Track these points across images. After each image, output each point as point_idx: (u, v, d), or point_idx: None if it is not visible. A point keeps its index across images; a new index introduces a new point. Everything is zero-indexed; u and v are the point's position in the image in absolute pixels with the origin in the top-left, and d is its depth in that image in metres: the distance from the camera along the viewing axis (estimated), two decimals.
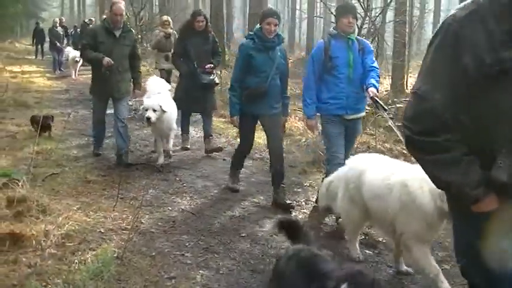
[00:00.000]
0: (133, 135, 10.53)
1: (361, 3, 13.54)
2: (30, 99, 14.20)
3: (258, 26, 7.00)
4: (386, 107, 6.49)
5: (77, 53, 20.50)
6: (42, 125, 8.91)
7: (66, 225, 5.41)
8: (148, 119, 8.25)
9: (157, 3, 42.14)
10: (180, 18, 18.04)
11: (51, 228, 5.22)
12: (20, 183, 6.09)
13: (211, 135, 9.74)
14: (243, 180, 7.98)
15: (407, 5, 21.67)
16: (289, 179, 8.00)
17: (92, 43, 8.53)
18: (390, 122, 6.46)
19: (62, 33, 24.70)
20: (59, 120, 11.39)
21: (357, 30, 13.65)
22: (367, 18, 13.44)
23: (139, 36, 23.00)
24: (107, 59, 8.22)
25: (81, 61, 20.37)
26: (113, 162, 8.57)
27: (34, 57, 30.48)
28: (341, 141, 6.26)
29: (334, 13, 7.54)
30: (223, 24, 25.99)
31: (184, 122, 9.99)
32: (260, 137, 10.54)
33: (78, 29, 28.26)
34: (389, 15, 21.57)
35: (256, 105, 6.86)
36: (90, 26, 21.51)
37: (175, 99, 9.39)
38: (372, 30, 13.80)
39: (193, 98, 9.29)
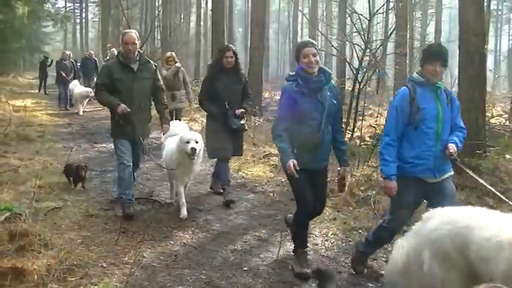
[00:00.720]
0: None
1: (362, 35, 13.64)
2: (33, 133, 14.25)
3: (298, 66, 5.93)
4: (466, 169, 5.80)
5: (83, 89, 20.97)
6: (75, 176, 8.98)
7: (68, 260, 5.41)
8: (194, 150, 7.41)
9: (159, 38, 42.46)
10: (182, 52, 18.09)
11: (53, 263, 5.22)
12: (22, 218, 6.11)
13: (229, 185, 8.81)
14: (245, 213, 7.98)
15: (408, 37, 21.85)
16: (291, 212, 7.96)
17: (107, 82, 7.57)
18: (482, 182, 5.78)
19: (70, 66, 23.25)
20: (62, 154, 11.46)
21: (357, 62, 13.83)
22: (368, 50, 13.53)
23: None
24: (121, 107, 7.34)
25: (87, 98, 20.62)
26: (115, 196, 8.56)
27: (37, 91, 30.06)
28: (410, 213, 5.53)
29: (334, 46, 7.39)
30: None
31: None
32: (261, 170, 10.59)
33: (78, 63, 27.32)
34: (390, 47, 21.72)
35: (308, 159, 5.68)
36: (104, 62, 21.02)
37: (207, 146, 8.49)
38: (372, 62, 13.87)
39: (225, 144, 8.40)
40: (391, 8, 21.57)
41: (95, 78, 25.29)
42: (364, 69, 13.85)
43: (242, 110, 8.51)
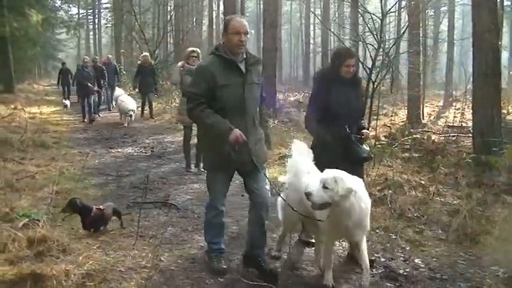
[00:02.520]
0: (152, 174, 10.58)
1: (374, 35, 13.61)
2: (49, 139, 14.32)
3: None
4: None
5: (130, 103, 19.27)
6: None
7: (87, 265, 5.42)
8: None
9: (171, 42, 42.55)
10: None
11: (72, 268, 5.24)
12: (40, 224, 6.14)
13: None
14: None
15: (421, 35, 21.75)
16: None
17: (206, 93, 5.38)
18: None
19: (92, 74, 20.02)
20: (78, 160, 11.53)
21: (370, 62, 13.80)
22: (381, 49, 13.50)
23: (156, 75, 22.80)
24: (236, 135, 5.23)
25: (134, 113, 19.51)
26: (131, 200, 8.58)
27: (63, 100, 26.83)
28: None
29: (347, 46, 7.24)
30: None
31: None
32: (276, 172, 10.58)
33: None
34: (403, 45, 21.65)
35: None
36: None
37: None
38: (386, 61, 13.84)
39: None
40: (404, 6, 21.51)
41: (116, 86, 24.61)
42: (378, 69, 13.82)
43: (366, 130, 6.77)
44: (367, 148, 6.67)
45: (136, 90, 21.79)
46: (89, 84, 19.33)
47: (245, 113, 5.52)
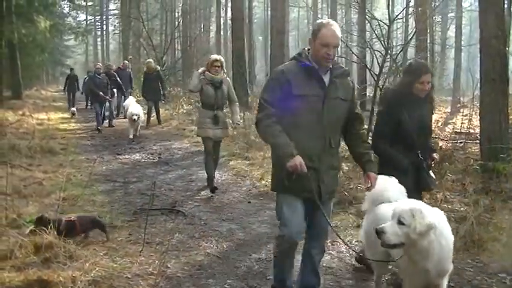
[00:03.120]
0: (159, 180, 10.59)
1: (382, 41, 13.59)
2: (56, 145, 14.34)
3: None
4: None
5: (134, 107, 17.55)
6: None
7: (93, 271, 5.43)
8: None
9: (179, 48, 42.64)
10: (202, 63, 18.05)
11: (78, 275, 5.25)
12: (47, 230, 6.14)
13: None
14: (268, 222, 7.94)
15: (428, 41, 21.74)
16: None
17: (279, 103, 4.70)
18: None
19: (106, 80, 19.29)
20: (85, 166, 11.56)
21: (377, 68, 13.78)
22: (388, 55, 13.48)
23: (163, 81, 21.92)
24: (295, 161, 4.51)
25: (140, 121, 17.57)
26: (138, 206, 8.59)
27: (68, 108, 27.29)
28: None
29: (354, 53, 7.05)
30: (245, 67, 26.22)
31: None
32: None
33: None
34: (411, 52, 21.62)
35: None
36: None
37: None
38: (393, 68, 13.81)
39: None
40: (411, 12, 21.49)
41: (128, 98, 22.51)
42: (385, 75, 13.80)
43: (436, 155, 6.22)
44: (433, 176, 5.98)
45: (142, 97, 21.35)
46: (101, 93, 18.62)
47: (321, 133, 4.69)
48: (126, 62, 25.35)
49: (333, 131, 4.78)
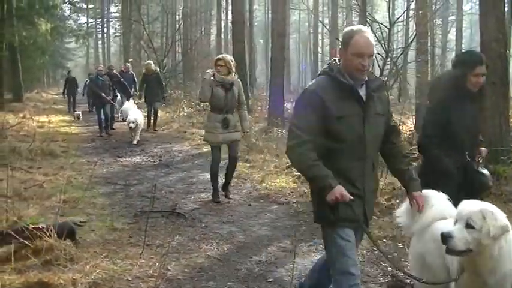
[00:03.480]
0: (159, 183, 10.57)
1: (382, 44, 13.61)
2: (57, 148, 14.35)
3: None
4: None
5: (132, 114, 17.02)
6: None
7: (94, 274, 5.44)
8: None
9: (180, 51, 42.68)
10: (203, 65, 17.98)
11: (79, 277, 5.25)
12: (47, 232, 6.14)
13: None
14: (269, 225, 7.96)
15: (429, 44, 21.74)
16: (314, 222, 8.00)
17: (314, 128, 4.03)
18: None
19: (108, 82, 18.70)
20: (86, 169, 11.57)
21: (378, 71, 13.79)
22: (389, 58, 13.50)
23: (164, 83, 21.52)
24: (335, 193, 3.93)
25: (140, 126, 16.80)
26: (139, 209, 8.59)
27: (67, 111, 27.99)
28: None
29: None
30: (246, 69, 26.21)
31: None
32: (284, 181, 10.58)
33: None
34: (411, 54, 21.64)
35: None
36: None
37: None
38: (393, 70, 13.83)
39: None
40: (411, 16, 21.50)
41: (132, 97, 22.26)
42: (386, 78, 13.82)
43: (485, 149, 5.69)
44: (487, 172, 5.39)
45: (143, 100, 20.31)
46: (103, 94, 17.98)
47: (363, 155, 4.13)
48: (128, 64, 24.71)
49: (373, 150, 4.26)
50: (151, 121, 20.08)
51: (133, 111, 17.11)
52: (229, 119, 9.13)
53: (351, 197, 3.96)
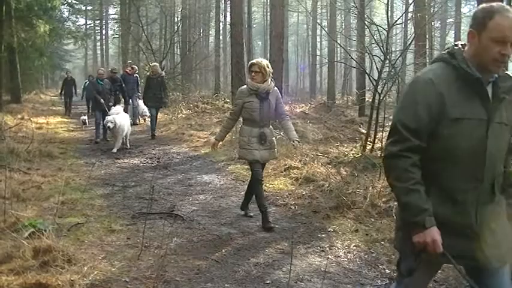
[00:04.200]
0: (157, 184, 10.58)
1: (380, 47, 13.62)
2: (55, 149, 14.36)
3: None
4: None
5: (115, 117, 15.91)
6: None
7: (92, 275, 5.44)
8: None
9: (178, 53, 42.71)
10: (201, 67, 17.79)
11: (77, 278, 5.25)
12: (45, 234, 6.15)
13: None
14: None
15: (427, 47, 21.76)
16: (312, 224, 8.02)
17: (425, 129, 3.12)
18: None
19: (109, 86, 17.66)
20: (84, 170, 11.57)
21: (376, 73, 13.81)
22: (387, 61, 13.50)
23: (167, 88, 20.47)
24: (427, 238, 3.06)
25: (120, 132, 15.34)
26: (137, 210, 8.59)
27: (64, 112, 27.89)
28: None
29: (353, 58, 6.71)
30: (244, 71, 26.23)
31: None
32: (282, 183, 10.59)
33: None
34: (409, 57, 21.65)
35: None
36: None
37: None
38: (392, 73, 13.84)
39: None
40: (410, 18, 21.53)
41: (139, 100, 22.21)
42: (384, 80, 13.83)
43: None
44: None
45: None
46: (102, 100, 16.97)
47: (480, 172, 3.12)
48: (135, 66, 24.13)
49: (497, 168, 3.21)
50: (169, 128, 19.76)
51: (118, 115, 15.78)
52: (266, 134, 7.90)
53: (443, 251, 3.06)
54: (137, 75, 23.55)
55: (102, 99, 17.17)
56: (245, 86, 7.94)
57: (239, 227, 7.94)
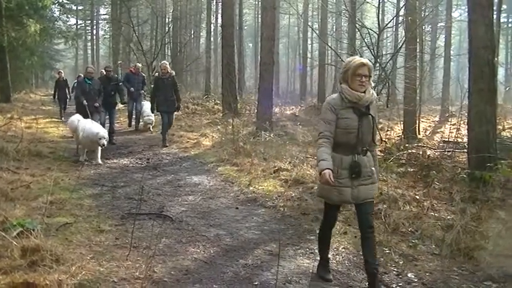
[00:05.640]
0: (147, 185, 10.58)
1: (371, 50, 13.68)
2: (44, 149, 14.31)
3: None
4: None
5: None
6: None
7: (80, 275, 5.42)
8: None
9: (169, 54, 42.70)
10: (192, 69, 17.22)
11: (65, 278, 5.23)
12: (33, 233, 6.13)
13: None
14: (255, 228, 7.96)
15: (418, 50, 21.83)
16: (301, 226, 8.03)
17: None
18: None
19: (98, 87, 15.57)
20: (73, 170, 11.54)
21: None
22: (378, 64, 13.56)
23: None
24: None
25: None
26: (126, 211, 8.57)
27: (59, 118, 25.29)
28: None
29: (344, 61, 6.63)
30: (235, 73, 26.27)
31: None
32: (271, 185, 10.60)
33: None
34: (400, 60, 21.73)
35: None
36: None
37: None
38: (382, 76, 13.89)
39: None
40: (401, 22, 21.61)
41: (144, 102, 20.37)
42: (374, 83, 13.87)
43: None
44: None
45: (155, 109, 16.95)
46: (84, 102, 14.92)
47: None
48: (139, 64, 21.85)
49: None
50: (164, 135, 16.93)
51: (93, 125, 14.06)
52: (362, 164, 5.53)
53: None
54: (143, 74, 21.71)
55: (84, 101, 14.95)
56: (336, 95, 5.58)
57: (228, 228, 7.93)
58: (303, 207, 9.02)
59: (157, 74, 17.19)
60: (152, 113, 18.11)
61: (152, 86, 17.34)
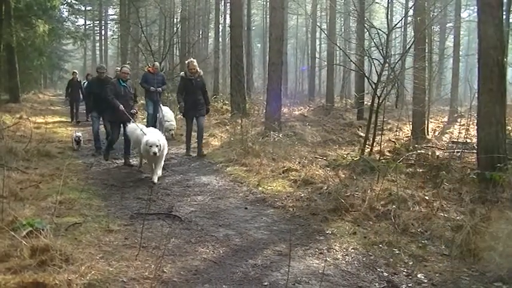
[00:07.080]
0: (155, 185, 10.58)
1: (380, 50, 13.63)
2: (53, 149, 14.35)
3: None
4: None
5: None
6: None
7: (89, 275, 5.42)
8: None
9: (178, 54, 42.69)
10: (201, 69, 16.44)
11: (74, 278, 5.23)
12: (43, 233, 6.14)
13: None
14: (265, 228, 7.95)
15: (426, 51, 21.76)
16: (310, 226, 8.00)
17: None
18: None
19: (133, 91, 13.81)
20: (82, 170, 11.56)
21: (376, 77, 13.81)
22: (387, 64, 13.52)
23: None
24: None
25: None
26: (135, 211, 8.58)
27: (70, 120, 24.99)
28: None
29: (353, 61, 6.74)
30: (244, 73, 26.26)
31: None
32: (280, 185, 10.58)
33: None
34: (409, 61, 21.67)
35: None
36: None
37: None
38: (391, 76, 13.85)
39: None
40: (409, 22, 21.55)
41: (162, 107, 18.46)
42: (383, 84, 13.84)
43: None
44: None
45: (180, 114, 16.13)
46: (121, 107, 12.82)
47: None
48: (157, 63, 19.97)
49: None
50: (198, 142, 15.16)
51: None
52: None
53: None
54: (163, 74, 20.20)
55: (121, 106, 12.91)
56: None
57: (237, 228, 7.92)
58: (312, 207, 8.99)
59: (182, 73, 15.27)
60: (181, 112, 15.48)
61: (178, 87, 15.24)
